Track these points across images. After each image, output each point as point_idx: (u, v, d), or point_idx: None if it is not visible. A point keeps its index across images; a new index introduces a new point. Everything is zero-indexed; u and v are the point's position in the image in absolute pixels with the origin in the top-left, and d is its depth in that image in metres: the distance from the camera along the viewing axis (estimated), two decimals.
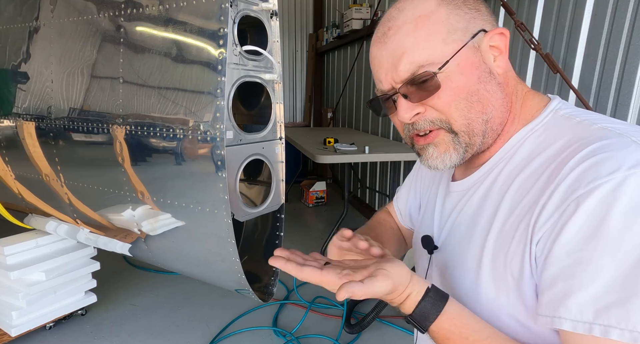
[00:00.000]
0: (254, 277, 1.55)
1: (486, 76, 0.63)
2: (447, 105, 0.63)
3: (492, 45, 0.63)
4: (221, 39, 1.11)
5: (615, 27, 1.69)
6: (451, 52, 0.61)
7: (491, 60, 0.64)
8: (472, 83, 0.62)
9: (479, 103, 0.63)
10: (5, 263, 2.01)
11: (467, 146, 0.65)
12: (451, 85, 0.61)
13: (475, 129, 0.64)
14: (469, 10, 0.63)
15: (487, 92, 0.63)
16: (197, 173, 1.22)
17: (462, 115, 0.63)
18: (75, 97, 1.43)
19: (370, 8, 4.23)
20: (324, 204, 4.79)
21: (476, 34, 0.62)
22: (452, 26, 0.61)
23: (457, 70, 0.61)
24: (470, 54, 0.62)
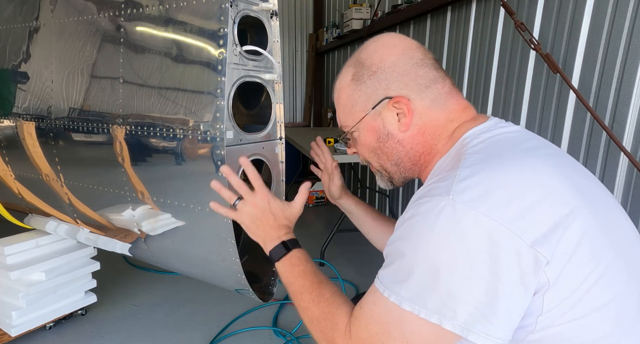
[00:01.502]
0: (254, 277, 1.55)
1: (384, 137, 0.82)
2: (363, 153, 0.90)
3: (395, 107, 0.79)
4: (221, 39, 1.11)
5: (615, 27, 1.69)
6: (354, 121, 0.85)
7: (393, 121, 0.80)
8: (373, 143, 0.85)
9: (384, 155, 0.85)
10: (5, 263, 2.00)
11: (389, 178, 0.89)
12: (361, 142, 0.87)
13: (388, 169, 0.87)
14: (372, 83, 0.80)
15: (387, 148, 0.83)
16: (197, 173, 1.22)
17: (374, 160, 0.88)
18: (75, 97, 1.43)
19: (370, 8, 4.23)
20: (324, 204, 4.79)
21: (378, 103, 0.80)
22: (354, 100, 0.83)
23: (363, 132, 0.85)
24: (372, 120, 0.82)
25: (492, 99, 2.41)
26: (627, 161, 1.68)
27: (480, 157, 0.69)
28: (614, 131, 1.70)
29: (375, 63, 0.80)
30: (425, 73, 0.79)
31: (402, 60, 0.79)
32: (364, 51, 0.83)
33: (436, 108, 0.79)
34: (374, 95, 0.80)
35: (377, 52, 0.81)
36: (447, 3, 2.72)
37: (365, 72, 0.81)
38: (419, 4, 3.01)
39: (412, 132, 0.80)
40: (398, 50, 0.80)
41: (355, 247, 3.45)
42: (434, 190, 0.66)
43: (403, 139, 0.81)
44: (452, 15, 2.82)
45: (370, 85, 0.80)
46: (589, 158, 1.83)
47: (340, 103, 0.87)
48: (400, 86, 0.78)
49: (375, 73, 0.80)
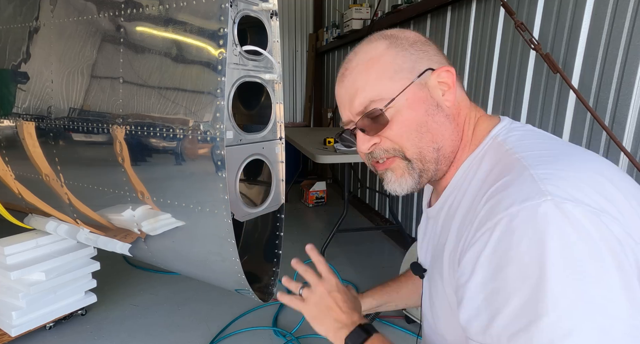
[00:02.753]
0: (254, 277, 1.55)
1: (433, 109, 0.70)
2: (399, 136, 0.70)
3: (440, 81, 0.70)
4: (221, 39, 1.11)
5: (615, 27, 1.69)
6: (399, 89, 0.68)
7: (439, 94, 0.70)
8: (421, 116, 0.69)
9: (429, 134, 0.70)
10: (5, 263, 2.01)
11: (421, 171, 0.72)
12: (401, 118, 0.69)
13: (427, 156, 0.71)
14: (415, 52, 0.71)
15: (435, 123, 0.70)
16: (197, 173, 1.22)
17: (414, 144, 0.70)
18: (76, 97, 1.43)
19: (370, 8, 4.23)
20: (324, 204, 4.78)
21: (423, 73, 0.70)
22: (398, 66, 0.70)
23: (406, 104, 0.69)
24: (417, 90, 0.69)
25: (492, 99, 2.41)
26: (627, 161, 1.68)
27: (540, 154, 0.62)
28: (614, 131, 1.70)
29: (411, 37, 0.72)
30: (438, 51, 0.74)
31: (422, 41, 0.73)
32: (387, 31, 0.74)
33: (463, 92, 0.74)
34: (418, 64, 0.70)
35: (404, 31, 0.74)
36: (447, 3, 2.72)
37: (404, 42, 0.71)
38: (419, 4, 3.01)
39: (453, 110, 0.72)
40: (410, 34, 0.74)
41: (355, 247, 3.46)
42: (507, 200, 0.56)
43: (450, 115, 0.71)
44: (452, 15, 2.82)
45: (413, 53, 0.70)
46: None
47: (371, 74, 0.70)
48: (441, 61, 0.72)
49: (415, 43, 0.71)
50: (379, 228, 3.84)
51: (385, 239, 3.69)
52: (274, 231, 1.55)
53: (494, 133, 0.70)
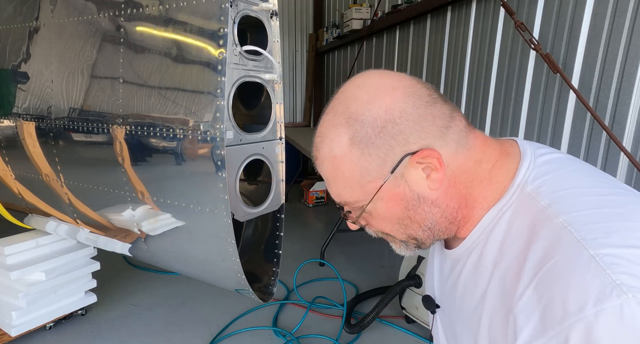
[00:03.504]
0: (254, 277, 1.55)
1: (414, 203, 0.64)
2: (382, 227, 0.68)
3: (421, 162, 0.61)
4: (221, 39, 1.11)
5: (615, 27, 1.69)
6: (371, 193, 0.63)
7: (421, 181, 0.62)
8: (400, 212, 0.65)
9: (414, 224, 0.65)
10: (5, 263, 2.01)
11: (417, 245, 0.69)
12: (381, 215, 0.66)
13: (418, 237, 0.67)
14: (384, 141, 0.60)
15: (418, 214, 0.64)
16: (197, 173, 1.22)
17: (400, 232, 0.67)
18: (76, 97, 1.43)
19: (370, 8, 4.23)
20: (324, 204, 4.78)
21: (398, 163, 0.61)
22: (364, 168, 0.62)
23: (382, 203, 0.64)
24: (393, 187, 0.62)
25: (492, 99, 2.41)
26: (627, 161, 1.68)
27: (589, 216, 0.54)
28: (614, 131, 1.70)
29: (379, 116, 0.60)
30: (440, 111, 0.62)
31: (410, 103, 0.61)
32: (353, 103, 0.63)
33: (462, 149, 0.63)
34: (390, 156, 0.61)
35: (374, 102, 0.61)
36: (447, 3, 2.72)
37: (370, 130, 0.60)
38: (419, 4, 3.01)
39: (444, 186, 0.63)
40: (400, 92, 0.62)
41: (355, 247, 3.46)
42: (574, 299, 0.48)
43: (437, 198, 0.64)
44: (452, 15, 2.82)
45: (382, 145, 0.60)
46: (589, 158, 1.83)
47: (338, 175, 0.64)
48: (421, 136, 0.61)
49: (384, 128, 0.60)
50: None
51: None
52: (274, 231, 1.54)
53: (518, 182, 0.61)
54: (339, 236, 3.42)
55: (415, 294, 2.17)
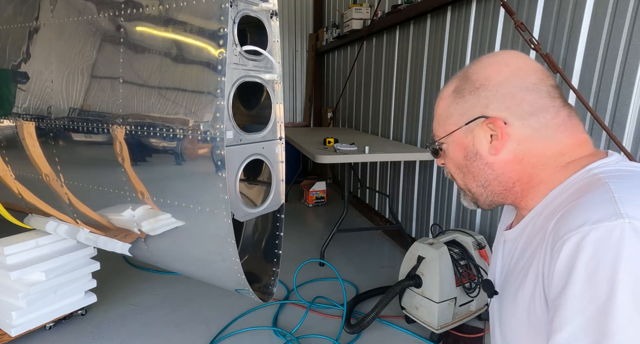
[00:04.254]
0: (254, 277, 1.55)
1: (472, 156, 0.76)
2: (449, 168, 0.83)
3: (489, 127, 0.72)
4: (221, 39, 1.11)
5: (615, 27, 1.69)
6: (444, 133, 0.79)
7: (484, 142, 0.74)
8: (460, 159, 0.78)
9: (469, 174, 0.78)
10: (5, 263, 2.01)
11: (472, 197, 0.81)
12: (449, 155, 0.80)
13: (472, 189, 0.80)
14: (471, 99, 0.74)
15: (474, 167, 0.77)
16: (197, 173, 1.22)
17: (459, 178, 0.81)
18: (75, 97, 1.43)
19: (370, 8, 4.23)
20: (324, 204, 4.79)
21: (473, 120, 0.74)
22: (449, 113, 0.77)
23: (452, 146, 0.79)
24: (462, 135, 0.76)
25: None
26: None
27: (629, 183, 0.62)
28: (614, 131, 1.70)
29: (480, 79, 0.74)
30: (534, 99, 0.70)
31: (510, 81, 0.71)
32: (475, 64, 0.77)
33: (541, 138, 0.71)
34: (470, 111, 0.74)
35: (487, 68, 0.74)
36: (447, 3, 2.72)
37: (468, 87, 0.75)
38: (419, 4, 3.01)
39: (506, 157, 0.73)
40: (510, 70, 0.72)
41: (355, 247, 3.46)
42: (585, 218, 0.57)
43: (493, 162, 0.74)
44: (452, 15, 2.82)
45: (469, 100, 0.74)
46: None
47: (437, 112, 0.81)
48: (500, 107, 0.71)
49: (477, 89, 0.73)
50: (379, 228, 3.84)
51: (385, 239, 3.69)
52: (274, 231, 1.55)
53: (590, 167, 0.68)
54: (339, 236, 3.42)
55: (416, 295, 2.17)
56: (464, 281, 2.13)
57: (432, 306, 2.08)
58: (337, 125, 5.63)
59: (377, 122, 4.21)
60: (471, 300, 2.19)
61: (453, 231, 2.37)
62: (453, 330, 2.19)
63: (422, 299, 2.13)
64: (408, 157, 3.03)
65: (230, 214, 1.19)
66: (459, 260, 2.17)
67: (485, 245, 2.26)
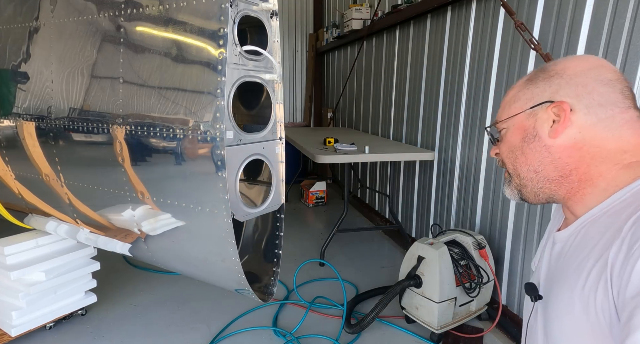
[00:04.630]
0: (254, 277, 1.55)
1: (531, 138, 0.77)
2: (503, 153, 0.83)
3: (554, 111, 0.73)
4: (221, 39, 1.11)
5: (615, 27, 1.69)
6: (508, 116, 0.81)
7: (545, 126, 0.74)
8: (517, 141, 0.79)
9: (522, 157, 0.78)
10: (5, 263, 2.01)
11: (517, 186, 0.81)
12: (506, 139, 0.82)
13: (521, 174, 0.79)
14: (542, 85, 0.76)
15: (530, 149, 0.77)
16: (197, 173, 1.22)
17: (510, 162, 0.81)
18: (75, 97, 1.43)
19: (370, 8, 4.23)
20: (324, 204, 4.79)
21: (540, 104, 0.75)
22: (517, 97, 0.80)
23: (512, 130, 0.80)
24: (525, 119, 0.78)
25: (492, 99, 2.41)
26: None
27: None
28: None
29: (556, 69, 0.75)
30: (607, 92, 0.71)
31: (586, 73, 0.73)
32: (554, 60, 0.79)
33: (604, 129, 0.71)
34: (538, 96, 0.76)
35: (565, 61, 0.76)
36: (447, 3, 2.72)
37: (542, 75, 0.77)
38: (419, 4, 3.01)
39: (565, 142, 0.73)
40: (587, 64, 0.74)
41: (355, 247, 3.46)
42: None
43: (551, 146, 0.74)
44: (452, 15, 2.82)
45: (540, 86, 0.76)
46: None
47: (505, 100, 0.83)
48: (570, 94, 0.72)
49: (551, 77, 0.75)
50: (379, 228, 3.84)
51: (385, 239, 3.69)
52: (274, 231, 1.55)
53: None
54: (339, 236, 3.42)
55: (416, 295, 2.17)
56: (464, 281, 2.13)
57: (432, 306, 2.08)
58: (337, 125, 5.63)
59: (377, 122, 4.21)
60: (471, 300, 2.19)
61: (453, 231, 2.37)
62: (453, 330, 2.19)
63: (422, 299, 2.13)
64: (408, 157, 3.03)
65: (230, 214, 1.19)
66: (459, 260, 2.17)
67: (485, 245, 2.26)
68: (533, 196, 0.79)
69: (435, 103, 3.01)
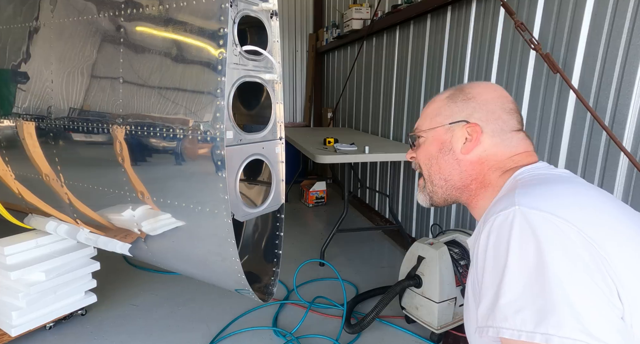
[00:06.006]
0: (254, 277, 1.55)
1: (446, 150, 0.92)
2: (420, 158, 0.98)
3: (468, 131, 0.88)
4: (221, 39, 1.11)
5: (615, 27, 1.69)
6: (429, 127, 0.95)
7: (459, 142, 0.90)
8: (434, 151, 0.94)
9: (437, 166, 0.93)
10: (5, 263, 2.00)
11: (430, 193, 0.97)
12: (423, 147, 0.96)
13: (434, 181, 0.95)
14: (461, 105, 0.91)
15: (444, 161, 0.92)
16: (197, 173, 1.22)
17: (426, 168, 0.96)
18: (75, 97, 1.43)
19: (370, 8, 4.23)
20: (324, 204, 4.78)
21: (456, 122, 0.90)
22: (439, 112, 0.94)
23: (430, 140, 0.95)
24: (443, 133, 0.92)
25: None
26: (627, 161, 1.68)
27: (535, 183, 0.78)
28: (614, 131, 1.70)
29: (472, 93, 0.91)
30: (509, 120, 0.89)
31: (495, 102, 0.89)
32: (469, 84, 0.95)
33: (503, 147, 0.88)
34: (456, 114, 0.90)
35: (479, 87, 0.93)
36: (447, 3, 2.72)
37: (461, 96, 0.91)
38: (419, 4, 3.01)
39: (472, 158, 0.89)
40: (496, 93, 0.91)
41: (355, 247, 3.45)
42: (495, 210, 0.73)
43: (461, 160, 0.90)
44: (452, 15, 2.82)
45: (459, 106, 0.91)
46: (589, 158, 1.83)
47: (426, 111, 0.97)
48: (482, 118, 0.88)
49: (469, 100, 0.90)
50: (379, 228, 3.84)
51: (385, 239, 3.69)
52: (274, 231, 1.55)
53: (519, 172, 0.84)
54: (339, 236, 3.42)
55: (416, 295, 2.17)
56: (464, 281, 2.13)
57: (432, 306, 2.08)
58: (337, 125, 5.63)
59: (377, 122, 4.21)
60: None
61: (453, 231, 2.37)
62: (453, 330, 2.19)
63: (422, 299, 2.13)
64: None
65: (231, 214, 1.19)
66: (459, 260, 2.17)
67: None
68: (442, 201, 0.96)
69: None
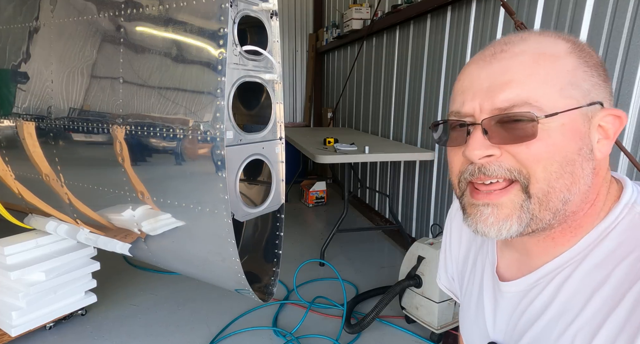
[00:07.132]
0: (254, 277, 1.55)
1: (587, 153, 0.53)
2: (536, 160, 0.52)
3: (601, 124, 0.54)
4: (221, 39, 1.11)
5: (615, 27, 1.69)
6: (563, 107, 0.52)
7: (594, 139, 0.54)
8: (572, 151, 0.52)
9: (570, 177, 0.53)
10: (5, 263, 2.00)
11: (532, 218, 0.54)
12: (548, 140, 0.52)
13: (551, 202, 0.53)
14: (597, 76, 0.54)
15: (582, 169, 0.53)
16: (197, 173, 1.22)
17: (547, 178, 0.52)
18: (75, 97, 1.43)
19: (370, 8, 4.23)
20: (324, 204, 4.78)
21: (594, 104, 0.53)
22: (575, 80, 0.53)
23: (561, 129, 0.52)
24: (581, 120, 0.53)
25: None
26: (627, 161, 1.68)
27: None
28: None
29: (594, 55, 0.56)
30: None
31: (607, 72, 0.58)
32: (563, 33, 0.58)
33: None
34: (595, 91, 0.54)
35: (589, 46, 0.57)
36: (447, 3, 2.72)
37: (589, 58, 0.54)
38: (419, 4, 3.01)
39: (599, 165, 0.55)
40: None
41: (355, 247, 3.46)
42: None
43: (594, 169, 0.55)
44: (452, 15, 2.82)
45: (595, 76, 0.54)
46: None
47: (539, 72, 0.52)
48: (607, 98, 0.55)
49: (598, 66, 0.55)
50: (379, 228, 3.84)
51: (385, 239, 3.69)
52: (274, 231, 1.55)
53: (627, 200, 0.56)
54: (339, 236, 3.42)
55: (416, 295, 2.17)
56: None
57: (432, 306, 2.08)
58: (337, 125, 5.63)
59: (377, 122, 4.21)
60: None
61: None
62: (453, 330, 2.19)
63: (422, 299, 2.13)
64: (408, 157, 3.03)
65: (231, 214, 1.19)
66: None
67: None
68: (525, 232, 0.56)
69: (436, 103, 3.00)
